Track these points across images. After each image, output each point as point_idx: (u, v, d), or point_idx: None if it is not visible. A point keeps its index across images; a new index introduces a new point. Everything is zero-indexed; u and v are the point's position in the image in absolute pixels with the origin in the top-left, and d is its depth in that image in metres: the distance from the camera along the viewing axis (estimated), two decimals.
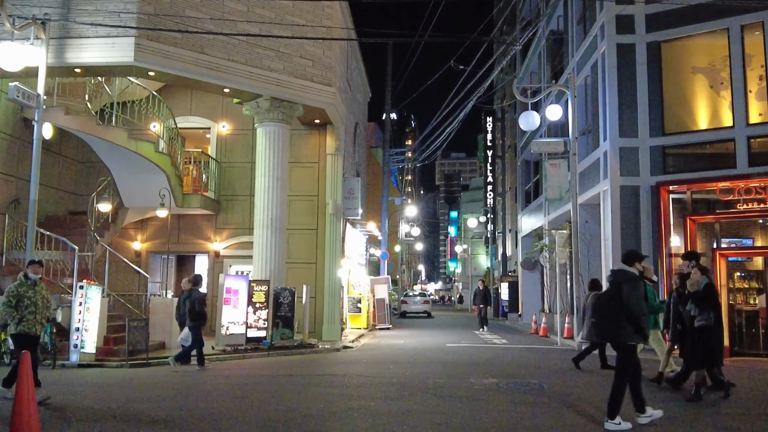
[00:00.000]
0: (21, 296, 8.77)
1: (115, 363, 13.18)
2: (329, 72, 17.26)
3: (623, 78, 17.50)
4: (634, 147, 17.26)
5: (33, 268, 9.11)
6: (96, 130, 15.53)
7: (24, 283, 8.92)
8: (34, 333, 8.82)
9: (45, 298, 9.07)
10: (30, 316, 8.74)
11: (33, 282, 8.99)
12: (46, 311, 9.08)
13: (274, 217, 16.56)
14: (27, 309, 8.73)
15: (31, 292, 8.86)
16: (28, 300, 8.78)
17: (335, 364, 13.18)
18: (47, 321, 9.30)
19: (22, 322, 8.69)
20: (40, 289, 9.04)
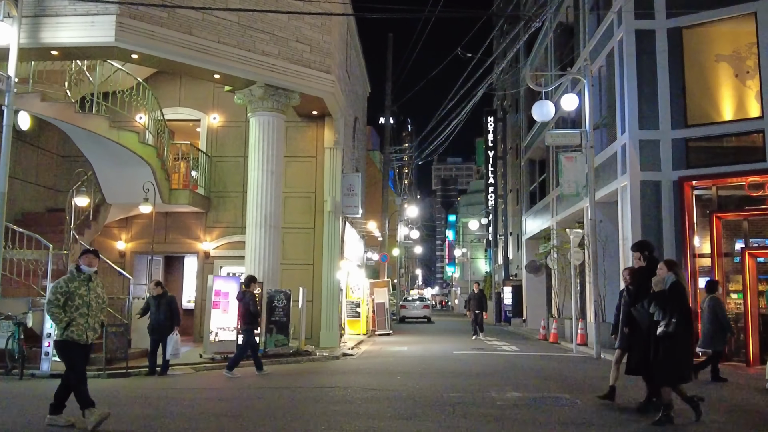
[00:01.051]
0: (71, 294, 7.01)
1: (92, 373, 11.87)
2: (328, 58, 16.04)
3: (642, 67, 16.39)
4: (654, 140, 16.13)
5: (87, 259, 7.26)
6: (74, 119, 14.26)
7: (75, 278, 7.13)
8: (84, 341, 7.08)
9: (100, 298, 7.33)
10: (81, 319, 7.01)
11: (87, 277, 7.20)
12: (100, 314, 7.32)
13: (268, 214, 15.31)
14: (78, 310, 7.00)
15: (84, 289, 7.10)
16: (80, 299, 7.02)
17: (335, 375, 11.92)
18: (102, 326, 7.53)
19: (70, 327, 6.97)
20: (95, 286, 7.25)
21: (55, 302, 6.98)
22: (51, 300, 7.02)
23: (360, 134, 24.99)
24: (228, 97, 17.40)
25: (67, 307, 6.97)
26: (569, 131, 16.49)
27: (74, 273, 7.18)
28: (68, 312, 6.96)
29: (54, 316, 7.00)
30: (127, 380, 11.55)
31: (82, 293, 7.06)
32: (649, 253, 7.89)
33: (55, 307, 6.98)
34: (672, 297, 7.14)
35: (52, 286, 7.14)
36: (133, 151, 14.92)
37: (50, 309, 7.01)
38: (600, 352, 15.25)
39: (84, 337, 7.05)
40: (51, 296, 7.06)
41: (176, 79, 18.51)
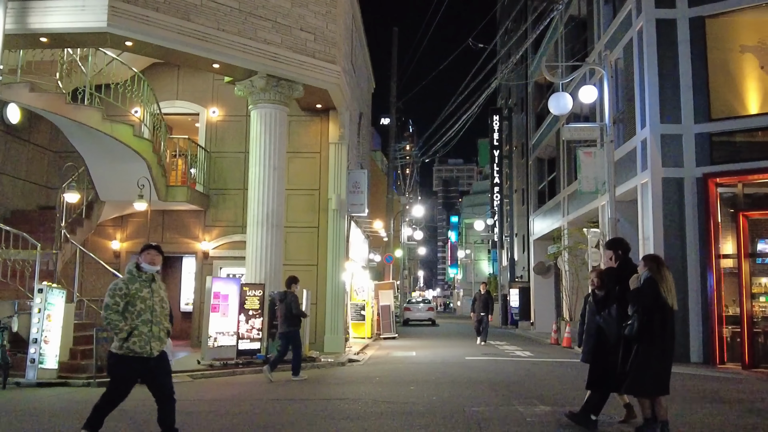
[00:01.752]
0: (132, 298, 5.82)
1: (81, 381, 11.10)
2: (333, 48, 15.22)
3: (663, 58, 15.59)
4: (676, 134, 15.33)
5: (149, 256, 6.05)
6: (65, 110, 13.44)
7: (136, 278, 5.92)
8: (148, 354, 5.81)
9: (165, 301, 6.13)
10: (144, 327, 5.79)
11: (149, 277, 6.01)
12: (165, 320, 6.06)
13: (270, 212, 14.49)
14: (140, 317, 5.80)
15: (147, 291, 5.90)
16: (142, 303, 5.84)
17: (343, 384, 11.09)
18: (168, 334, 6.14)
19: (131, 338, 5.72)
20: (158, 287, 6.08)
21: (113, 307, 5.75)
22: (109, 305, 5.77)
23: (365, 130, 24.19)
24: (228, 90, 16.61)
25: (127, 314, 5.77)
26: (588, 124, 15.69)
27: (134, 272, 5.93)
28: (130, 319, 5.76)
29: (112, 325, 5.77)
30: None
31: (144, 296, 5.86)
32: (623, 253, 6.76)
33: (113, 313, 5.75)
34: (639, 295, 6.15)
35: (110, 289, 5.84)
36: (127, 144, 14.10)
37: (108, 316, 5.76)
38: None
39: (147, 349, 5.80)
40: (109, 300, 5.80)
41: (174, 71, 17.70)
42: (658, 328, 6.12)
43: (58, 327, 11.25)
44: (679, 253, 14.93)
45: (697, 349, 14.58)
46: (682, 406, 8.56)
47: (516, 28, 34.83)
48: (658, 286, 6.14)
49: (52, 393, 10.26)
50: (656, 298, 6.12)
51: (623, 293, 6.40)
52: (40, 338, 10.86)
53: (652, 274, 6.23)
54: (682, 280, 14.77)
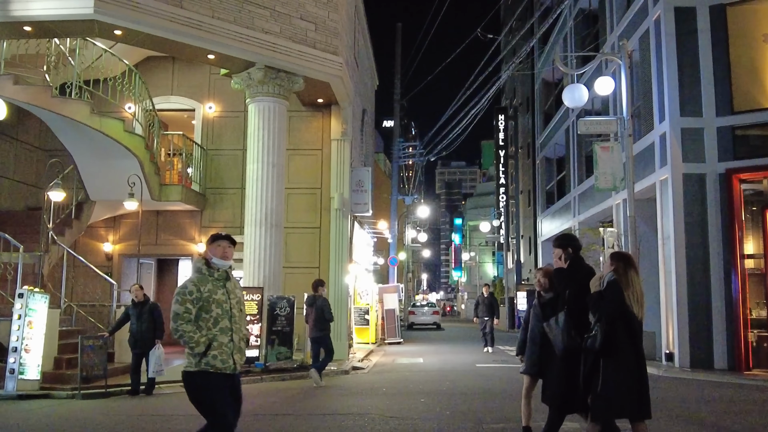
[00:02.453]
0: (206, 302, 4.58)
1: (66, 393, 10.32)
2: (335, 38, 14.44)
3: (682, 48, 14.80)
4: (697, 128, 14.52)
5: (220, 249, 4.73)
6: (51, 104, 12.66)
7: (207, 277, 4.67)
8: (231, 369, 4.60)
9: (242, 303, 4.92)
10: (223, 337, 4.59)
11: (223, 275, 4.74)
12: (244, 327, 4.93)
13: (269, 211, 13.69)
14: (218, 325, 4.58)
15: (222, 292, 4.66)
16: (218, 308, 4.61)
17: (347, 395, 10.27)
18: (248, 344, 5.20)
19: (211, 351, 4.51)
20: (233, 287, 4.81)
21: (185, 316, 4.50)
22: (179, 313, 4.51)
23: (368, 128, 23.38)
24: (225, 85, 15.86)
25: (202, 322, 4.54)
26: (604, 118, 14.84)
27: (204, 270, 4.69)
28: (205, 329, 4.54)
29: (186, 338, 4.48)
30: (106, 402, 9.97)
31: (219, 299, 4.63)
32: (573, 251, 5.69)
33: (185, 323, 4.50)
34: (599, 300, 5.15)
35: (177, 293, 4.59)
36: (117, 140, 13.32)
37: (179, 327, 4.50)
38: None
39: (230, 363, 4.58)
40: (178, 308, 4.52)
41: (168, 65, 16.93)
42: (624, 338, 5.09)
43: (41, 334, 10.46)
44: (701, 254, 14.13)
45: (722, 355, 13.75)
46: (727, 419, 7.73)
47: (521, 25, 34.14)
48: (623, 292, 5.11)
49: (32, 406, 9.50)
50: (620, 305, 5.09)
51: (574, 298, 5.38)
52: (21, 347, 10.08)
53: (616, 277, 5.18)
54: (705, 281, 14.00)
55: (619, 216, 17.32)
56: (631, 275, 5.21)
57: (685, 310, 13.95)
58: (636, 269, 5.31)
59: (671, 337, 14.35)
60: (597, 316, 5.12)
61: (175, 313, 4.51)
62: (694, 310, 13.95)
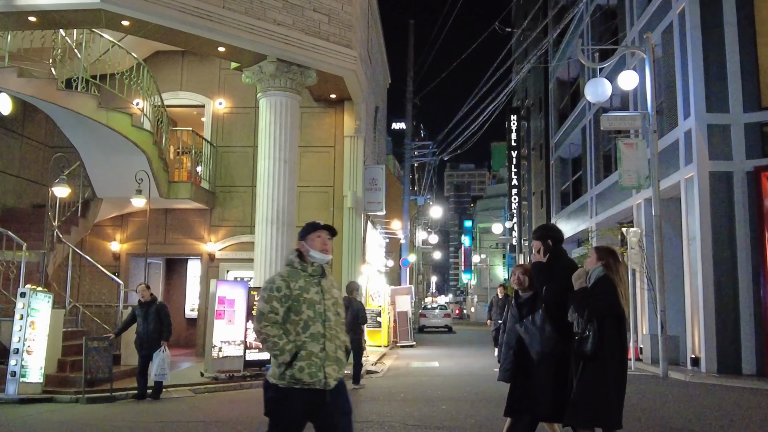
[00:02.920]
0: (296, 301, 3.84)
1: (69, 396, 9.89)
2: (349, 31, 13.98)
3: (708, 42, 14.26)
4: (724, 124, 13.97)
5: (320, 240, 3.99)
6: (56, 97, 12.26)
7: (299, 272, 3.92)
8: (322, 384, 3.74)
9: (339, 305, 4.05)
10: (314, 345, 3.79)
11: (318, 270, 3.99)
12: (342, 333, 4.01)
13: (281, 209, 13.24)
14: (308, 330, 3.81)
15: (315, 291, 3.91)
16: (310, 309, 3.85)
17: (364, 401, 9.79)
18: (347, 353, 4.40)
19: (297, 361, 3.74)
20: (329, 286, 4.02)
21: (270, 317, 3.78)
22: (263, 312, 3.79)
23: (381, 126, 22.92)
24: (235, 80, 15.45)
25: (289, 325, 3.80)
26: (628, 113, 14.36)
27: (296, 263, 3.94)
28: (293, 333, 3.79)
29: (270, 343, 3.76)
30: (111, 406, 9.54)
31: (312, 299, 3.86)
32: (553, 244, 5.10)
33: (271, 325, 3.77)
34: (590, 298, 4.61)
35: (263, 289, 3.91)
36: (124, 135, 12.91)
37: (263, 329, 3.78)
38: (667, 371, 13.08)
39: (320, 377, 3.73)
40: (263, 306, 3.82)
41: (177, 60, 16.53)
42: (615, 341, 4.59)
43: (44, 336, 10.04)
44: (728, 255, 13.58)
45: (750, 360, 13.19)
46: None
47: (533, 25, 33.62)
48: (616, 289, 4.62)
49: (33, 411, 9.07)
50: (614, 304, 4.61)
51: (552, 295, 4.87)
52: (22, 348, 9.65)
53: (607, 272, 4.68)
54: (733, 283, 13.45)
55: (640, 216, 16.78)
56: (621, 270, 4.75)
57: (711, 314, 13.40)
58: (624, 265, 4.84)
59: (697, 341, 13.81)
60: (586, 315, 4.58)
61: (259, 312, 3.82)
62: (722, 313, 13.40)
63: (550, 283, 4.91)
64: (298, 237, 4.06)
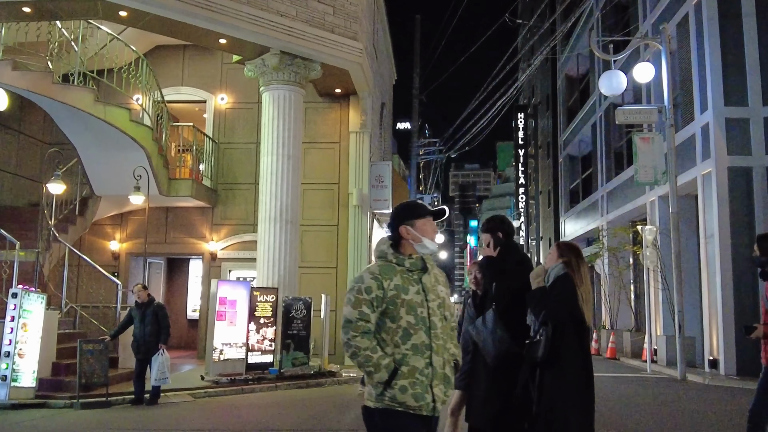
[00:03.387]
0: (393, 303, 3.03)
1: (63, 401, 9.45)
2: (354, 23, 13.55)
3: (726, 33, 13.80)
4: (743, 118, 13.52)
5: (429, 224, 3.19)
6: (52, 91, 11.85)
7: (395, 266, 3.12)
8: (429, 409, 2.97)
9: (446, 307, 3.21)
10: (418, 359, 2.99)
11: (418, 263, 3.18)
12: (451, 342, 3.21)
13: (284, 207, 12.80)
14: (409, 339, 3.00)
15: (416, 290, 3.08)
16: (411, 314, 3.02)
17: None
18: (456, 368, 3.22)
19: (397, 381, 2.95)
20: (432, 283, 3.19)
21: (360, 325, 3.00)
22: (351, 320, 3.01)
23: (387, 123, 22.47)
24: (238, 75, 15.04)
25: (385, 334, 3.03)
26: (644, 107, 13.88)
27: (390, 256, 3.14)
28: (390, 344, 3.02)
29: (361, 357, 2.98)
30: (106, 412, 9.10)
31: (412, 300, 3.05)
32: (504, 237, 4.54)
33: (360, 335, 2.99)
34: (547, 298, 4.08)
35: (350, 292, 3.10)
36: (123, 131, 12.49)
37: (351, 340, 2.99)
38: (685, 373, 12.60)
39: (427, 400, 2.96)
40: (350, 312, 3.03)
41: (179, 54, 16.13)
42: (575, 348, 4.08)
43: (36, 338, 9.61)
44: (747, 253, 12.98)
45: None
46: None
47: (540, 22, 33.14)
48: (577, 291, 4.09)
49: (25, 417, 8.64)
50: (572, 306, 4.07)
51: (503, 293, 4.37)
52: (14, 351, 9.24)
53: (568, 271, 4.16)
54: (752, 282, 12.92)
55: (654, 214, 16.30)
56: (584, 270, 4.21)
57: (731, 314, 12.91)
58: (587, 264, 4.32)
59: (715, 342, 13.32)
60: (541, 317, 4.07)
61: (346, 320, 3.01)
62: (741, 313, 12.89)
63: (501, 280, 4.39)
64: (398, 220, 3.14)
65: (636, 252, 16.52)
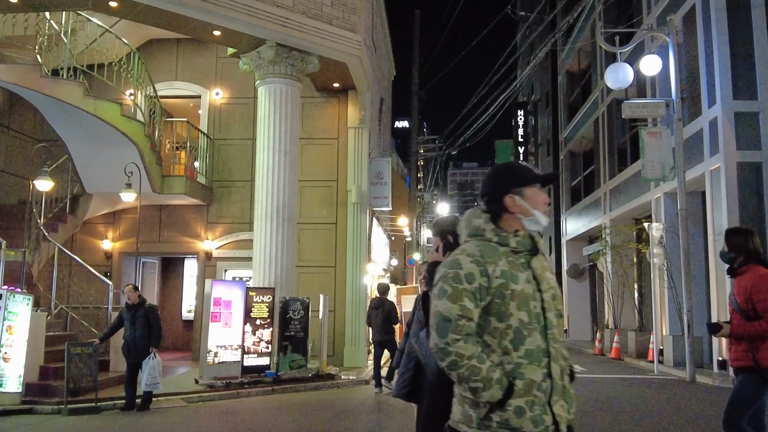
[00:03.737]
0: (500, 295, 2.26)
1: (51, 407, 9.06)
2: (353, 15, 13.16)
3: (734, 25, 13.44)
4: (752, 112, 13.19)
5: (541, 198, 2.46)
6: (40, 85, 11.44)
7: (496, 247, 2.36)
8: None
9: (558, 298, 2.42)
10: (534, 369, 2.25)
11: (527, 242, 2.41)
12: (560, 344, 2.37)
13: (281, 204, 12.41)
14: (522, 342, 2.25)
15: (525, 277, 2.31)
16: (523, 309, 2.27)
17: (371, 412, 8.96)
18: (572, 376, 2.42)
19: (512, 401, 2.20)
20: (540, 267, 2.40)
21: (462, 325, 2.23)
22: (450, 318, 2.24)
23: (386, 119, 22.08)
24: (233, 69, 14.64)
25: (490, 337, 2.30)
26: (651, 100, 13.49)
27: (491, 233, 2.42)
28: (497, 352, 2.28)
29: (463, 368, 2.21)
30: (95, 418, 8.70)
31: (524, 292, 2.30)
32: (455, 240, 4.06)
33: (463, 339, 2.23)
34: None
35: (442, 279, 2.31)
36: (114, 126, 12.08)
37: (452, 345, 2.22)
38: (695, 374, 12.24)
39: (547, 424, 2.24)
40: (448, 309, 2.25)
41: (172, 48, 15.71)
42: None
43: (23, 341, 9.21)
44: None
45: None
46: None
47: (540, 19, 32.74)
48: None
49: (10, 424, 8.26)
50: None
51: None
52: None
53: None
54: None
55: (659, 211, 15.92)
56: None
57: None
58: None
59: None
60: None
61: (441, 318, 2.25)
62: None
63: None
64: (501, 187, 2.44)
65: (642, 250, 16.14)
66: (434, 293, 2.31)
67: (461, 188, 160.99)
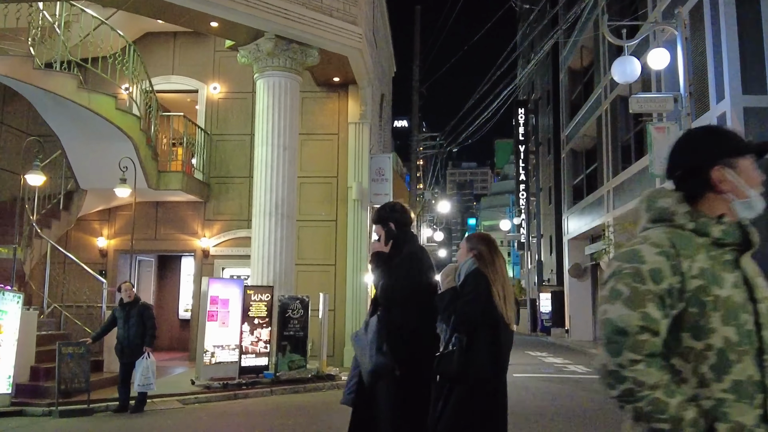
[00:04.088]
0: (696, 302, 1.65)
1: (42, 409, 8.75)
2: (354, 7, 12.86)
3: (743, 19, 13.16)
4: (763, 107, 12.92)
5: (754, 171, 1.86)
6: (32, 77, 11.12)
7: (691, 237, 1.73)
8: None
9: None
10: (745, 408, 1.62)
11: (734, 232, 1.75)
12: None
13: (280, 200, 12.10)
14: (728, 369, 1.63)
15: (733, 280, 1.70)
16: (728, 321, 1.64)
17: None
18: None
19: None
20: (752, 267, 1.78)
21: (643, 341, 1.61)
22: (628, 330, 1.62)
23: (387, 115, 21.77)
24: (231, 63, 14.34)
25: (685, 361, 1.66)
26: (659, 95, 13.21)
27: (683, 218, 1.75)
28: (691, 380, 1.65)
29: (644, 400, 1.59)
30: (87, 420, 8.40)
31: (730, 298, 1.67)
32: (398, 228, 3.93)
33: (645, 360, 1.61)
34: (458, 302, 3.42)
35: (615, 276, 1.69)
36: (108, 119, 11.76)
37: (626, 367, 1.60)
38: None
39: None
40: (625, 317, 1.63)
41: (169, 42, 15.40)
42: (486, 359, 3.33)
43: (13, 341, 8.89)
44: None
45: None
46: None
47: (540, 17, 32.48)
48: (491, 288, 3.43)
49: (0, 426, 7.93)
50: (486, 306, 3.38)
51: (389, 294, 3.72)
52: None
53: (479, 266, 3.52)
54: None
55: None
56: (500, 264, 3.54)
57: None
58: (502, 257, 3.64)
59: None
60: (452, 323, 3.39)
61: (615, 329, 1.65)
62: None
63: (389, 279, 3.71)
64: (706, 157, 1.84)
65: None
66: (603, 295, 1.72)
67: (460, 188, 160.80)
